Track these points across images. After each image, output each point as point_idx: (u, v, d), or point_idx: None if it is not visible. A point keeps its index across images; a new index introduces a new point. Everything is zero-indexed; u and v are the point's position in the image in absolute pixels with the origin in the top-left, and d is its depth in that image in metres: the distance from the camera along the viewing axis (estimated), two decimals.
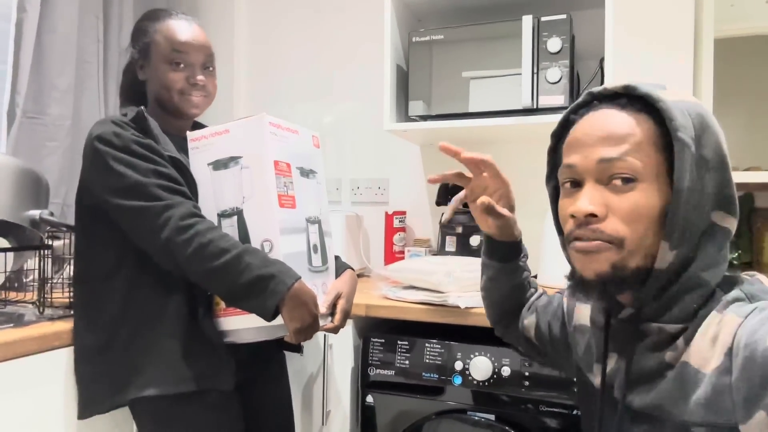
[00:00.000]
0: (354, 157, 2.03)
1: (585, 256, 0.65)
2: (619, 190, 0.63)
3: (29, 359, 0.98)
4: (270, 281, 0.92)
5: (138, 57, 1.12)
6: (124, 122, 1.02)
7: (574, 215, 0.65)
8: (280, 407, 1.25)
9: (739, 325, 0.58)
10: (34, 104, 1.58)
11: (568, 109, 0.72)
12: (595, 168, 0.65)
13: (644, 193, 0.62)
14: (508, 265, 0.94)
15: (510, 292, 0.96)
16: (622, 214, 0.63)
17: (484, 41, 1.50)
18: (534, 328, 0.92)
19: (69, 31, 1.64)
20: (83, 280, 1.06)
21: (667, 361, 0.64)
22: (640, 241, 0.63)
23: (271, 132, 1.03)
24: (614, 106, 0.66)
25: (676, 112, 0.62)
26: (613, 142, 0.63)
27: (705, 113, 0.64)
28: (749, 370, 0.55)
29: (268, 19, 2.16)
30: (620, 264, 0.63)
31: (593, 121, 0.66)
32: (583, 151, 0.66)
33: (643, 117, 0.64)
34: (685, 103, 0.64)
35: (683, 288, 0.63)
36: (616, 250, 0.63)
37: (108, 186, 0.98)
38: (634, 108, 0.64)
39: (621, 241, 0.63)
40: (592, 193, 0.65)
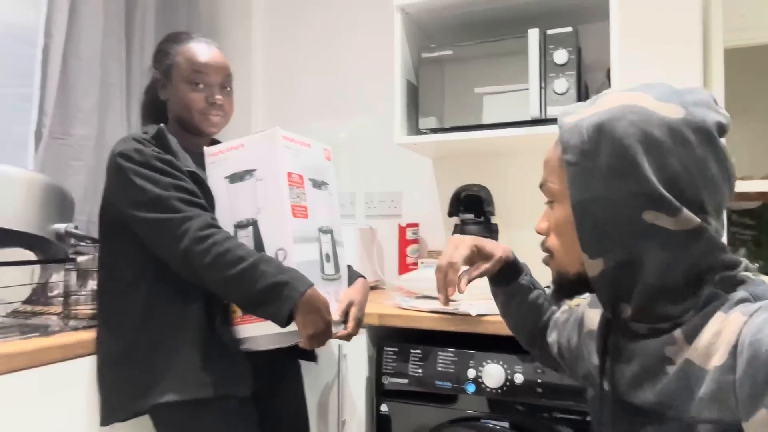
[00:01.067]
0: (367, 171, 2.07)
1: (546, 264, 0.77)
2: (551, 208, 0.74)
3: (54, 367, 1.02)
4: (284, 288, 0.95)
5: (160, 77, 1.18)
6: (145, 139, 1.08)
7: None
8: (296, 416, 1.26)
9: (744, 324, 0.58)
10: (60, 125, 1.64)
11: None
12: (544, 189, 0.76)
13: (562, 209, 0.71)
14: (511, 287, 0.99)
15: (527, 312, 0.98)
16: (552, 229, 0.74)
17: (493, 57, 1.54)
18: (556, 344, 0.94)
19: (93, 55, 1.71)
20: (106, 290, 1.10)
21: (667, 356, 0.65)
22: (567, 251, 0.71)
23: (285, 145, 1.07)
24: None
25: (567, 135, 0.68)
26: (546, 167, 0.74)
27: (609, 120, 0.64)
28: (753, 368, 0.55)
29: (283, 40, 2.23)
30: (561, 271, 0.74)
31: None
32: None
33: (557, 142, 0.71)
34: (589, 118, 0.66)
35: (647, 293, 0.65)
36: (552, 260, 0.75)
37: (130, 200, 1.03)
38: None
39: (551, 251, 0.74)
40: (544, 213, 0.77)
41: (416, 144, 1.66)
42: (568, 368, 0.93)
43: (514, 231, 1.79)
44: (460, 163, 1.91)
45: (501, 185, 1.81)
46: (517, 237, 1.77)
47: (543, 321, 0.98)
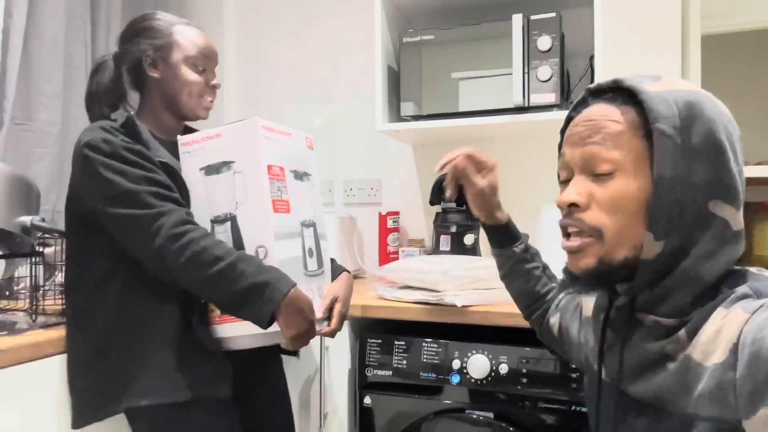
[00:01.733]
0: (346, 158, 2.03)
1: (571, 254, 0.68)
2: (601, 180, 0.65)
3: (23, 367, 0.96)
4: (265, 289, 0.91)
5: (151, 54, 1.09)
6: (114, 128, 1.01)
7: (559, 206, 0.68)
8: (279, 411, 1.24)
9: (745, 322, 0.58)
10: (22, 110, 1.56)
11: (570, 108, 0.75)
12: (580, 157, 0.67)
13: (625, 182, 0.64)
14: (504, 251, 0.98)
15: (523, 282, 0.98)
16: (603, 204, 0.65)
17: (474, 42, 1.51)
18: (558, 327, 0.93)
19: (56, 37, 1.62)
20: (75, 288, 1.04)
21: (667, 352, 0.64)
22: (622, 232, 0.64)
23: (264, 136, 1.02)
24: (605, 100, 0.68)
25: (657, 102, 0.62)
26: (594, 132, 0.66)
27: (697, 101, 0.64)
28: (754, 367, 0.55)
29: (257, 21, 2.16)
30: (606, 257, 0.65)
31: (584, 116, 0.69)
32: (572, 144, 0.69)
33: (627, 108, 0.65)
34: (675, 92, 0.64)
35: (677, 281, 0.63)
36: (597, 243, 0.65)
37: (98, 194, 0.97)
38: (619, 101, 0.66)
39: (600, 232, 0.64)
40: (577, 184, 0.67)
41: (398, 131, 1.63)
42: (567, 351, 0.93)
43: None
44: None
45: None
46: None
47: (540, 294, 0.97)
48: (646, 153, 0.63)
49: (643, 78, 0.66)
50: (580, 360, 0.85)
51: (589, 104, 0.70)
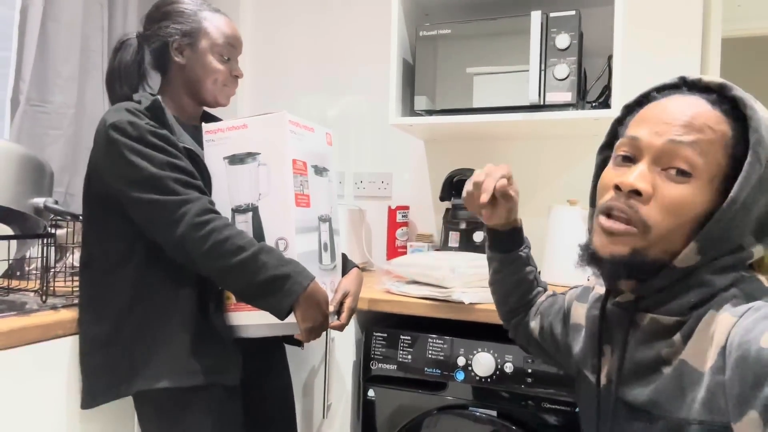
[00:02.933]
0: (358, 151, 2.03)
1: (608, 236, 0.64)
2: (672, 179, 0.62)
3: (32, 347, 0.98)
4: (286, 281, 0.93)
5: (178, 38, 1.09)
6: (139, 110, 1.00)
7: (619, 186, 0.64)
8: (282, 400, 1.24)
9: (733, 325, 0.58)
10: (38, 92, 1.57)
11: (654, 87, 0.70)
12: (659, 146, 0.63)
13: (694, 191, 0.62)
14: (509, 256, 0.95)
15: (515, 286, 0.96)
16: (665, 203, 0.62)
17: (491, 37, 1.49)
18: (539, 329, 0.93)
19: (73, 20, 1.63)
20: (90, 269, 1.05)
21: (663, 356, 0.64)
22: (666, 234, 0.62)
23: (291, 130, 1.03)
24: (704, 98, 0.64)
25: (761, 124, 0.60)
26: (688, 129, 0.62)
27: None
28: (742, 370, 0.55)
29: (274, 10, 2.15)
30: (641, 251, 0.63)
31: (678, 104, 0.65)
32: (655, 127, 0.64)
33: (725, 119, 0.63)
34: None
35: (688, 285, 0.63)
36: (640, 236, 0.63)
37: (122, 177, 0.97)
38: (722, 107, 0.63)
39: (648, 228, 0.62)
40: (645, 171, 0.63)
41: (411, 125, 1.62)
42: (548, 354, 0.93)
43: None
44: (453, 146, 1.88)
45: None
46: None
47: (528, 299, 0.97)
48: (724, 170, 0.62)
49: (748, 95, 0.64)
50: (566, 364, 0.85)
51: (685, 93, 0.66)
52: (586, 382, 0.78)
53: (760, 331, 0.55)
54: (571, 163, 1.74)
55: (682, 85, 0.68)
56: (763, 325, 0.55)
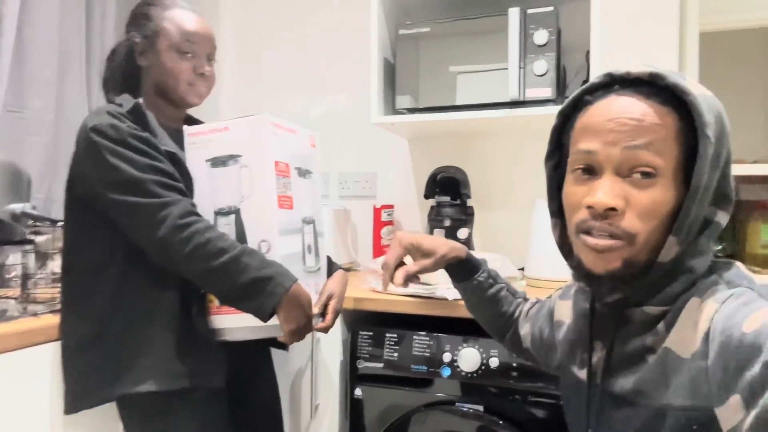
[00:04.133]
0: (342, 150, 2.03)
1: (598, 253, 0.64)
2: (639, 184, 0.62)
3: (13, 354, 0.97)
4: (268, 283, 0.93)
5: (140, 42, 1.09)
6: (121, 113, 1.00)
7: (592, 206, 0.63)
8: (269, 402, 1.24)
9: (715, 311, 0.59)
10: (15, 98, 1.55)
11: (583, 89, 0.69)
12: (617, 157, 0.62)
13: (663, 190, 0.62)
14: (467, 284, 0.97)
15: (488, 308, 0.99)
16: (640, 210, 0.62)
17: (471, 35, 1.50)
18: (529, 336, 0.94)
19: (50, 23, 1.61)
20: (71, 273, 1.04)
21: (648, 345, 0.65)
22: (649, 236, 0.62)
23: (272, 132, 1.03)
24: (638, 94, 0.63)
25: (703, 107, 0.60)
26: (640, 133, 0.61)
27: (723, 111, 0.64)
28: (725, 355, 0.55)
29: (254, 11, 2.14)
30: (631, 260, 0.63)
31: (617, 107, 0.63)
32: (605, 137, 0.63)
33: (668, 110, 0.62)
34: (707, 98, 0.62)
35: (671, 274, 0.64)
36: (627, 247, 0.62)
37: (103, 179, 0.96)
38: (659, 99, 0.62)
39: (633, 237, 0.62)
40: (612, 185, 0.62)
41: (393, 124, 1.62)
42: (541, 359, 0.93)
43: (491, 213, 1.78)
44: (436, 143, 1.88)
45: (478, 167, 1.79)
46: (494, 219, 1.77)
47: (509, 313, 0.98)
48: (682, 160, 0.62)
49: (677, 75, 0.62)
50: (555, 363, 0.86)
51: (618, 93, 0.64)
52: (573, 376, 0.78)
53: (742, 316, 0.56)
54: None
55: (611, 82, 0.66)
56: (745, 311, 0.56)
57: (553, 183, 0.75)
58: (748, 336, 0.54)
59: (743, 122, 1.84)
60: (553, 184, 0.74)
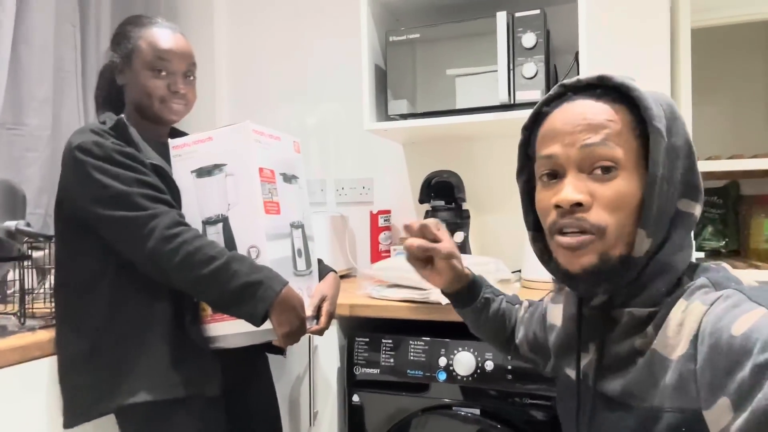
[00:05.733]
0: (337, 157, 2.04)
1: (572, 252, 0.65)
2: (601, 178, 0.64)
3: (10, 370, 0.98)
4: (258, 287, 0.93)
5: (118, 61, 1.11)
6: (104, 130, 1.02)
7: (559, 205, 0.65)
8: (267, 410, 1.25)
9: (704, 313, 0.59)
10: (13, 115, 1.57)
11: (540, 102, 0.72)
12: (576, 156, 0.65)
13: (626, 181, 0.63)
14: (469, 308, 0.98)
15: (493, 326, 0.99)
16: (606, 203, 0.63)
17: (460, 39, 1.51)
18: (525, 341, 0.94)
19: (45, 41, 1.63)
20: (65, 288, 1.06)
21: (637, 347, 0.65)
22: (621, 230, 0.64)
23: (255, 139, 1.04)
24: (590, 96, 0.67)
25: (650, 101, 0.63)
26: (594, 130, 0.64)
27: (673, 103, 0.66)
28: (714, 358, 0.55)
29: (247, 22, 2.16)
30: (605, 254, 0.64)
31: (570, 111, 0.67)
32: (563, 139, 0.66)
33: (619, 106, 0.65)
34: (655, 94, 0.66)
35: (652, 273, 0.65)
36: (599, 240, 0.64)
37: (90, 196, 0.98)
38: (609, 98, 0.65)
39: (603, 230, 0.64)
40: (576, 182, 0.65)
41: (386, 130, 1.63)
42: (541, 362, 0.94)
43: (486, 216, 1.78)
44: (430, 148, 1.89)
45: (471, 170, 1.80)
46: (489, 222, 1.78)
47: (511, 326, 0.99)
48: (640, 152, 0.64)
49: (626, 77, 0.66)
50: (549, 366, 0.86)
51: (571, 99, 0.68)
52: (566, 378, 0.78)
53: (731, 319, 0.56)
54: None
55: (565, 92, 0.69)
56: (733, 313, 0.56)
57: (527, 198, 0.77)
58: (737, 339, 0.53)
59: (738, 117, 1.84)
60: (527, 198, 0.77)
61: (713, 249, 1.70)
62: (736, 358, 0.53)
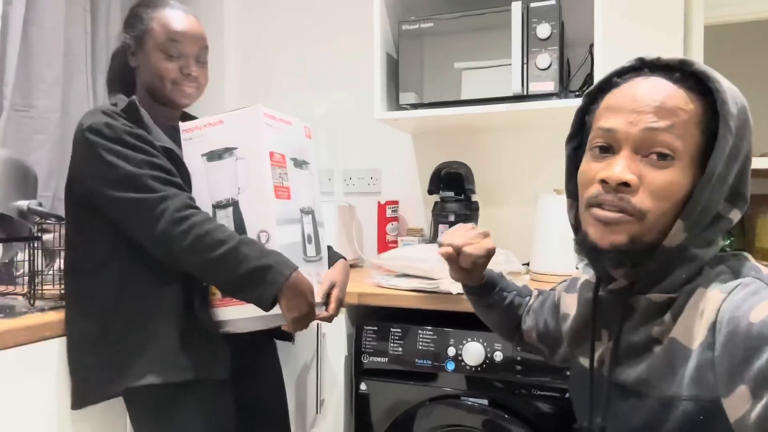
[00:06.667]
0: (346, 147, 2.03)
1: (605, 226, 0.64)
2: (655, 165, 0.62)
3: (20, 350, 0.98)
4: (268, 272, 0.93)
5: (131, 43, 1.11)
6: (115, 112, 1.02)
7: (606, 180, 0.63)
8: (274, 396, 1.25)
9: (723, 301, 0.59)
10: (22, 97, 1.56)
11: (613, 71, 0.69)
12: (637, 136, 0.62)
13: (678, 173, 0.62)
14: (483, 299, 0.97)
15: (503, 315, 0.98)
16: (654, 190, 0.62)
17: (474, 30, 1.50)
18: (534, 330, 0.94)
19: (56, 23, 1.63)
20: (75, 270, 1.05)
21: (654, 335, 0.65)
22: (660, 218, 0.62)
23: (266, 123, 1.03)
24: (667, 77, 0.64)
25: (728, 97, 0.61)
26: (662, 115, 0.62)
27: (746, 104, 0.64)
28: (732, 345, 0.55)
29: (257, 10, 2.15)
30: (638, 237, 0.63)
31: (644, 88, 0.64)
32: (628, 116, 0.63)
33: (694, 96, 0.62)
34: (733, 90, 0.63)
35: (677, 262, 0.64)
36: (636, 223, 0.62)
37: (100, 177, 0.97)
38: (686, 84, 0.63)
39: (644, 214, 0.62)
40: (629, 162, 0.63)
41: (396, 120, 1.62)
42: (547, 351, 0.94)
43: (495, 208, 1.78)
44: (440, 139, 1.88)
45: (481, 162, 1.79)
46: (498, 214, 1.77)
47: (520, 314, 0.98)
48: (701, 146, 0.62)
49: (706, 66, 0.63)
50: (562, 355, 0.86)
51: (647, 75, 0.65)
52: (579, 367, 0.78)
53: (749, 306, 0.55)
54: (557, 153, 1.72)
55: (641, 66, 0.67)
56: (752, 301, 0.56)
57: (572, 164, 0.75)
58: (756, 326, 0.53)
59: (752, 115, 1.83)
60: (572, 165, 0.75)
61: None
62: (754, 346, 0.53)
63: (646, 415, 0.64)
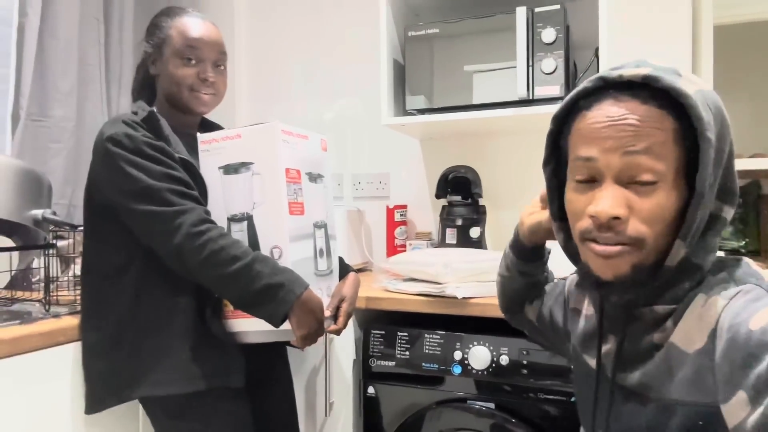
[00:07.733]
0: (355, 152, 2.05)
1: (606, 259, 0.63)
2: (641, 192, 0.61)
3: (35, 355, 1.00)
4: (279, 290, 0.94)
5: (151, 52, 1.13)
6: (135, 122, 1.03)
7: (595, 216, 0.62)
8: (284, 401, 1.26)
9: (723, 308, 0.59)
10: (38, 107, 1.60)
11: (576, 93, 0.67)
12: (618, 165, 0.61)
13: (665, 194, 0.61)
14: (526, 265, 0.92)
15: (524, 288, 0.95)
16: (645, 216, 0.61)
17: (480, 35, 1.51)
18: (537, 313, 0.93)
19: (70, 34, 1.66)
20: (91, 277, 1.08)
21: (655, 341, 0.66)
22: (657, 240, 0.62)
23: (283, 140, 1.05)
24: (634, 97, 0.61)
25: (701, 109, 0.59)
26: (639, 138, 0.60)
27: (721, 104, 0.63)
28: (732, 352, 0.56)
29: (267, 17, 2.18)
30: (639, 264, 0.62)
31: (613, 112, 0.62)
32: (604, 143, 0.62)
33: (665, 113, 0.60)
34: (704, 94, 0.61)
35: (681, 274, 0.64)
36: (636, 251, 0.62)
37: (119, 188, 0.99)
38: (655, 102, 0.60)
39: (642, 241, 0.61)
40: (614, 193, 0.61)
41: (404, 125, 1.64)
42: (548, 338, 0.93)
43: (502, 212, 1.78)
44: (448, 143, 1.89)
45: (489, 166, 1.80)
46: (506, 218, 1.77)
47: (533, 296, 0.96)
48: (682, 161, 0.61)
49: (670, 72, 0.61)
50: (563, 348, 0.86)
51: (613, 97, 0.62)
52: (585, 366, 0.79)
53: (749, 313, 0.56)
54: None
55: (605, 86, 0.64)
56: (752, 308, 0.56)
57: (553, 187, 0.74)
58: (755, 333, 0.54)
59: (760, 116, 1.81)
60: (553, 187, 0.74)
61: (733, 249, 1.68)
62: (753, 353, 0.53)
63: (648, 419, 0.65)
